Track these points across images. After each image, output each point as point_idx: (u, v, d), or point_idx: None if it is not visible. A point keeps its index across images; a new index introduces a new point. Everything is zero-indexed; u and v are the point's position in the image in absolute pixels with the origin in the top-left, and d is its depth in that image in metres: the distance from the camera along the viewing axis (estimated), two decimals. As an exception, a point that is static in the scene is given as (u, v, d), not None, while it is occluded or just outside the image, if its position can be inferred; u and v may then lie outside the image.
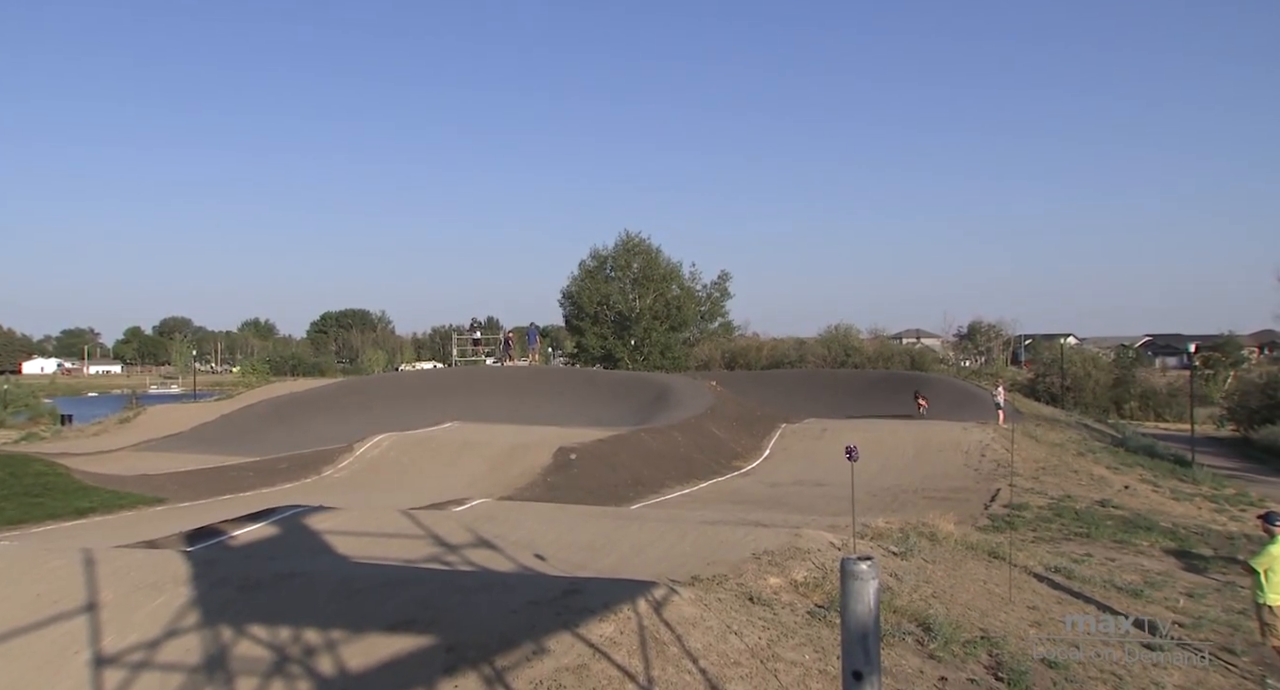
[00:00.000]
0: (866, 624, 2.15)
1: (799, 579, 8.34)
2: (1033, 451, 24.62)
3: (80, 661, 6.31)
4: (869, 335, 69.53)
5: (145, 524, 16.20)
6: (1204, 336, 70.81)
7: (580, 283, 72.72)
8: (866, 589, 2.15)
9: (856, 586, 2.15)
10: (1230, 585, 11.97)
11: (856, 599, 2.16)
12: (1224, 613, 10.23)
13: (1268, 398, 45.23)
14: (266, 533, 11.28)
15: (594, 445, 23.75)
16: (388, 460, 24.57)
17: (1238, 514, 19.46)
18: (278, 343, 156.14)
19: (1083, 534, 15.57)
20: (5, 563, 8.14)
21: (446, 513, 13.44)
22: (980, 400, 36.05)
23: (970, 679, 6.69)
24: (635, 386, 41.69)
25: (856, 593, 2.15)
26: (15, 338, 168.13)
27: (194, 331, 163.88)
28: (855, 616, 2.16)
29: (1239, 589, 11.37)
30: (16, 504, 18.81)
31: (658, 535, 11.49)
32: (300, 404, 44.35)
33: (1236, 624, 9.62)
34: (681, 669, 5.53)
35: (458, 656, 5.63)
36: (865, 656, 2.15)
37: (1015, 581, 9.93)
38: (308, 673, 5.84)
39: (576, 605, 6.21)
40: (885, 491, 19.61)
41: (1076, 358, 61.86)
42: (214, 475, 23.47)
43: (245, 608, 6.80)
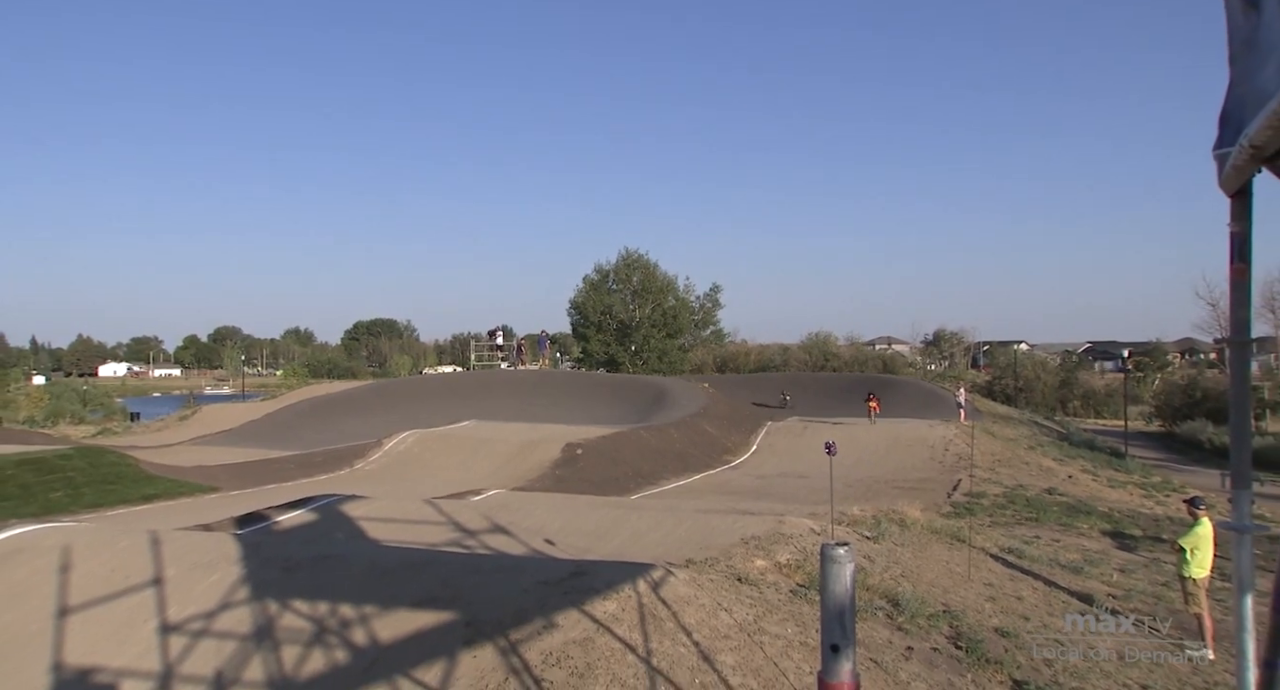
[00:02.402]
0: (843, 603, 2.17)
1: (783, 561, 8.34)
2: (990, 446, 24.67)
3: (149, 629, 6.32)
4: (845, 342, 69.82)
5: (201, 509, 16.18)
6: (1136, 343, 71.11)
7: (585, 294, 72.73)
8: (844, 571, 2.18)
9: (835, 569, 2.18)
10: (1156, 561, 12.05)
11: (835, 580, 2.18)
12: (1150, 585, 10.28)
13: (1188, 397, 45.61)
14: (306, 518, 11.28)
15: (598, 441, 23.73)
16: (412, 454, 24.52)
17: (1163, 499, 19.69)
18: (315, 349, 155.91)
19: (1032, 518, 15.62)
20: (85, 541, 8.14)
21: (465, 502, 13.42)
22: (944, 400, 36.15)
23: (934, 648, 6.71)
24: (635, 388, 41.67)
25: (835, 575, 2.18)
26: (93, 345, 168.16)
27: (243, 339, 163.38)
28: (833, 596, 2.18)
29: (1164, 565, 11.48)
30: (94, 490, 18.90)
31: (656, 522, 11.49)
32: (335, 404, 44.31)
33: (1160, 595, 9.68)
34: (677, 642, 5.54)
35: (476, 630, 5.62)
36: (842, 632, 2.17)
37: (974, 561, 9.95)
38: (343, 643, 5.84)
39: (582, 585, 6.20)
40: (860, 482, 19.62)
41: (1028, 362, 62.11)
42: (260, 467, 23.45)
43: (288, 585, 6.80)
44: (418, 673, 5.24)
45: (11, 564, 7.68)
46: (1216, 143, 2.02)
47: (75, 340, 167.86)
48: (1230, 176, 1.92)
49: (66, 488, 19.08)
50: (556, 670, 5.10)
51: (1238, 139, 1.81)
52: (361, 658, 5.62)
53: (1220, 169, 1.99)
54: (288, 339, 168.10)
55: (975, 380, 57.59)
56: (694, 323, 75.74)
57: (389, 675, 5.26)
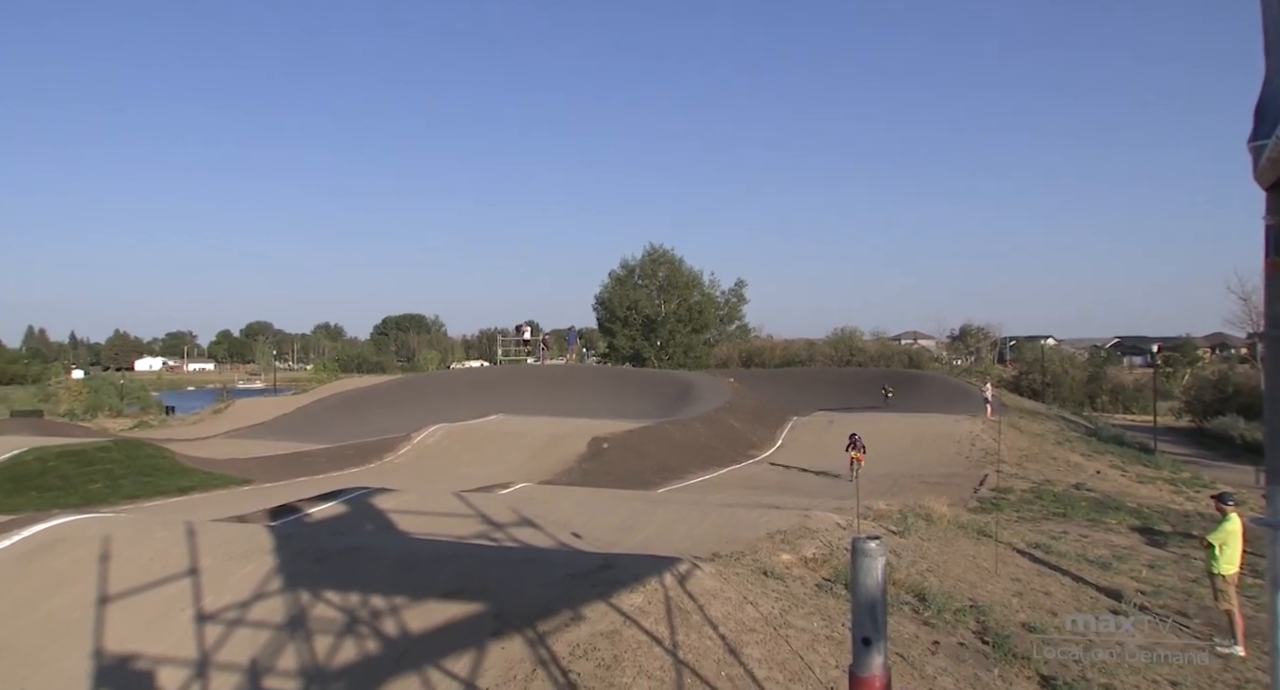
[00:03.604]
0: (875, 596, 2.16)
1: (808, 555, 8.31)
2: (1017, 441, 24.38)
3: (185, 617, 6.42)
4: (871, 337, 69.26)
5: (235, 501, 16.39)
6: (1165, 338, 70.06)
7: (611, 290, 72.90)
8: (875, 565, 2.17)
9: (866, 563, 2.17)
10: (1186, 558, 11.85)
11: (866, 574, 2.17)
12: (1180, 582, 10.13)
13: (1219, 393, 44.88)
14: (337, 511, 11.33)
15: (624, 436, 23.75)
16: (440, 448, 24.65)
17: (1193, 495, 19.34)
18: (345, 344, 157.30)
19: (1060, 514, 15.41)
20: (124, 532, 8.28)
21: (493, 495, 13.46)
22: (970, 395, 35.75)
23: (960, 642, 6.66)
24: (661, 383, 41.63)
25: (866, 568, 2.17)
26: (129, 340, 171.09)
27: (274, 334, 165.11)
28: (864, 589, 2.17)
29: (1193, 561, 11.28)
30: (132, 482, 19.19)
31: (681, 516, 11.48)
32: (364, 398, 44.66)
33: (1190, 591, 9.54)
34: (703, 635, 5.54)
35: (504, 622, 5.64)
36: (873, 625, 2.17)
37: (1000, 556, 9.86)
38: (374, 633, 5.89)
39: (609, 578, 6.21)
40: (885, 477, 19.47)
41: (1055, 357, 61.43)
42: (292, 460, 23.69)
43: (320, 575, 6.86)
44: (447, 663, 5.27)
45: (54, 553, 7.85)
46: (1252, 135, 1.98)
47: (112, 335, 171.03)
48: (1266, 169, 1.88)
49: (105, 479, 19.41)
50: (584, 662, 5.11)
51: (1274, 131, 1.78)
52: (392, 648, 5.66)
53: (1256, 162, 1.95)
54: (318, 334, 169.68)
55: (1002, 375, 56.94)
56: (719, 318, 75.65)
57: (419, 665, 5.30)
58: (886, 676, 2.19)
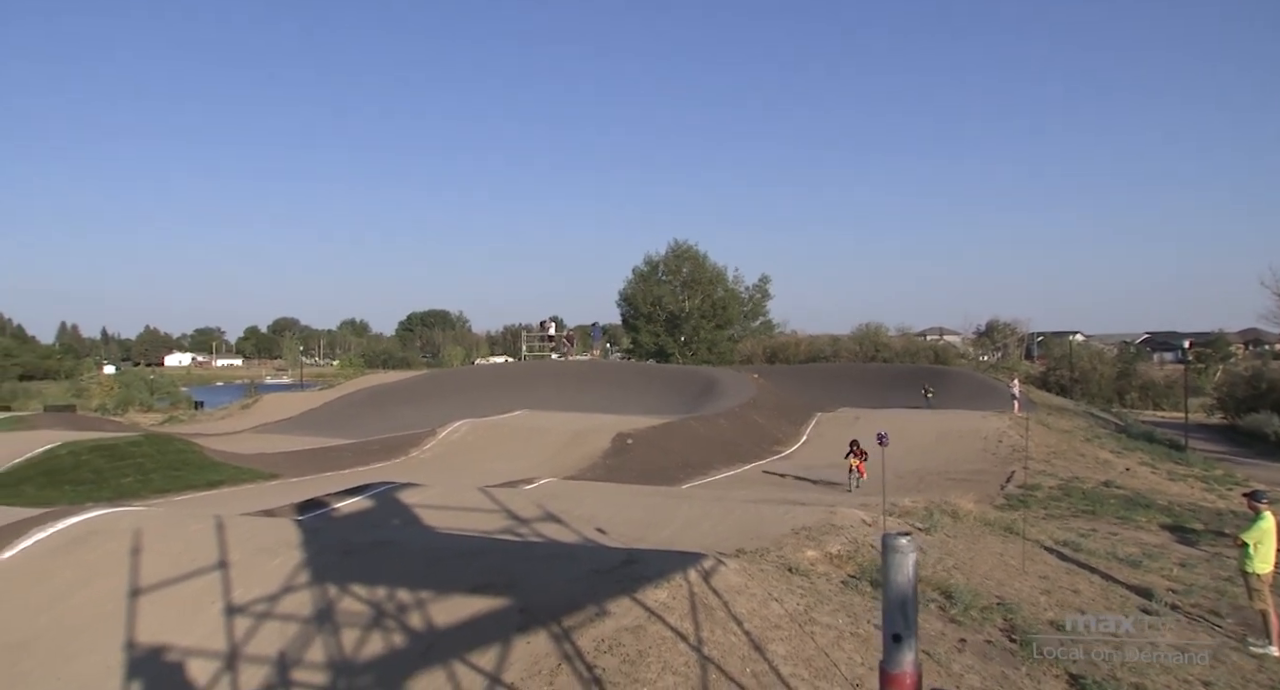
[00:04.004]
0: (905, 592, 2.14)
1: (834, 552, 8.27)
2: (1044, 438, 24.10)
3: (215, 610, 6.48)
4: (897, 332, 68.76)
5: (263, 496, 16.59)
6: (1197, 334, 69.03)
7: (635, 286, 73.01)
8: (906, 561, 2.14)
9: (897, 559, 2.14)
10: (1218, 556, 11.65)
11: (897, 570, 2.15)
12: (1212, 580, 9.95)
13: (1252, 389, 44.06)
14: (364, 505, 11.38)
15: (648, 431, 23.77)
16: (465, 443, 24.81)
17: (1225, 493, 18.99)
18: (371, 339, 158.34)
19: (1089, 511, 15.21)
20: (155, 525, 8.38)
21: (518, 490, 13.50)
22: (997, 392, 35.45)
23: (987, 640, 6.60)
24: (685, 379, 41.63)
25: (897, 565, 2.14)
26: (159, 335, 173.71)
27: (301, 330, 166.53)
28: (895, 586, 2.15)
29: (1226, 559, 11.10)
30: (162, 476, 19.49)
31: (706, 512, 11.46)
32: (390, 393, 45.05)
33: (1223, 590, 9.37)
34: (728, 631, 5.52)
35: (530, 617, 5.65)
36: (904, 621, 2.14)
37: (1028, 554, 9.75)
38: (401, 627, 5.92)
39: (634, 574, 6.20)
40: (911, 474, 19.34)
41: (1084, 353, 60.63)
42: (319, 455, 23.94)
43: (347, 569, 6.90)
44: (473, 657, 5.29)
45: (87, 546, 7.96)
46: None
47: (143, 331, 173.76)
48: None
49: (137, 473, 19.71)
50: (609, 657, 5.11)
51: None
52: (419, 641, 5.69)
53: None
54: (344, 330, 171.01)
55: (1029, 372, 56.37)
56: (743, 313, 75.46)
57: (445, 659, 5.32)
58: (917, 673, 2.16)
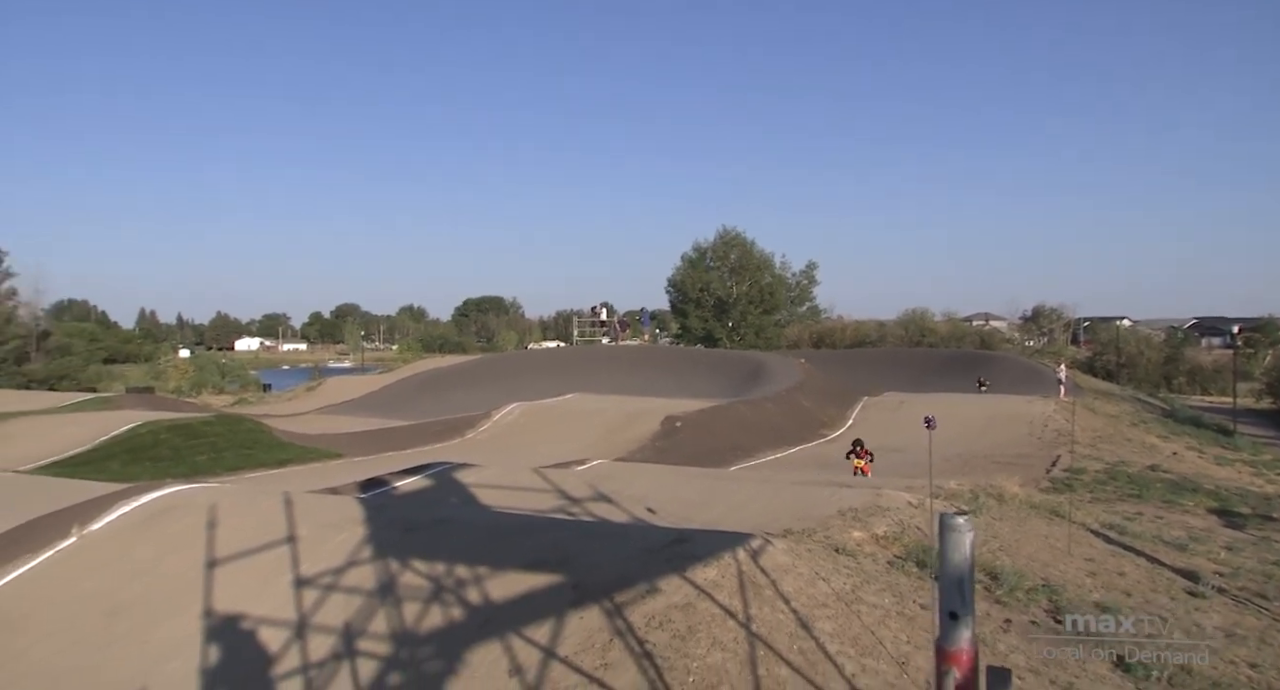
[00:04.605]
0: (962, 571, 2.11)
1: (880, 533, 8.18)
2: (1091, 422, 23.53)
3: (285, 581, 6.63)
4: (942, 317, 67.70)
5: (328, 474, 16.97)
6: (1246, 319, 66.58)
7: (684, 272, 72.92)
8: (963, 540, 2.11)
9: (955, 538, 2.12)
10: (1265, 540, 11.28)
11: (954, 549, 2.12)
12: (1259, 564, 9.62)
13: (1303, 374, 42.51)
14: (423, 484, 11.45)
15: (696, 414, 23.76)
16: (519, 425, 25.03)
17: (1274, 477, 18.46)
18: (428, 325, 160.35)
19: (1135, 495, 14.83)
20: (229, 501, 8.61)
21: (570, 471, 13.56)
22: (1043, 376, 34.73)
23: (1032, 621, 6.50)
24: (732, 363, 41.45)
25: (955, 543, 2.12)
26: (229, 321, 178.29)
27: (362, 315, 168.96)
28: (952, 565, 2.12)
29: (1273, 543, 10.82)
30: (234, 454, 20.09)
31: (754, 493, 11.42)
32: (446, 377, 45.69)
33: (1270, 574, 9.05)
34: (776, 609, 5.50)
35: (583, 593, 5.68)
36: (961, 600, 2.12)
37: (1074, 537, 9.53)
38: (459, 601, 6.00)
39: (684, 552, 6.19)
40: (957, 457, 19.03)
41: (1131, 338, 59.05)
42: (379, 435, 24.39)
43: (408, 545, 6.99)
44: (528, 631, 5.34)
45: (168, 518, 8.25)
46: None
47: (214, 317, 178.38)
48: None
49: (210, 451, 20.34)
50: (659, 633, 5.14)
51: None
52: (476, 615, 5.77)
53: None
54: (403, 315, 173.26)
55: (1075, 356, 55.05)
56: (790, 299, 74.97)
57: (502, 632, 5.40)
58: (974, 650, 2.14)
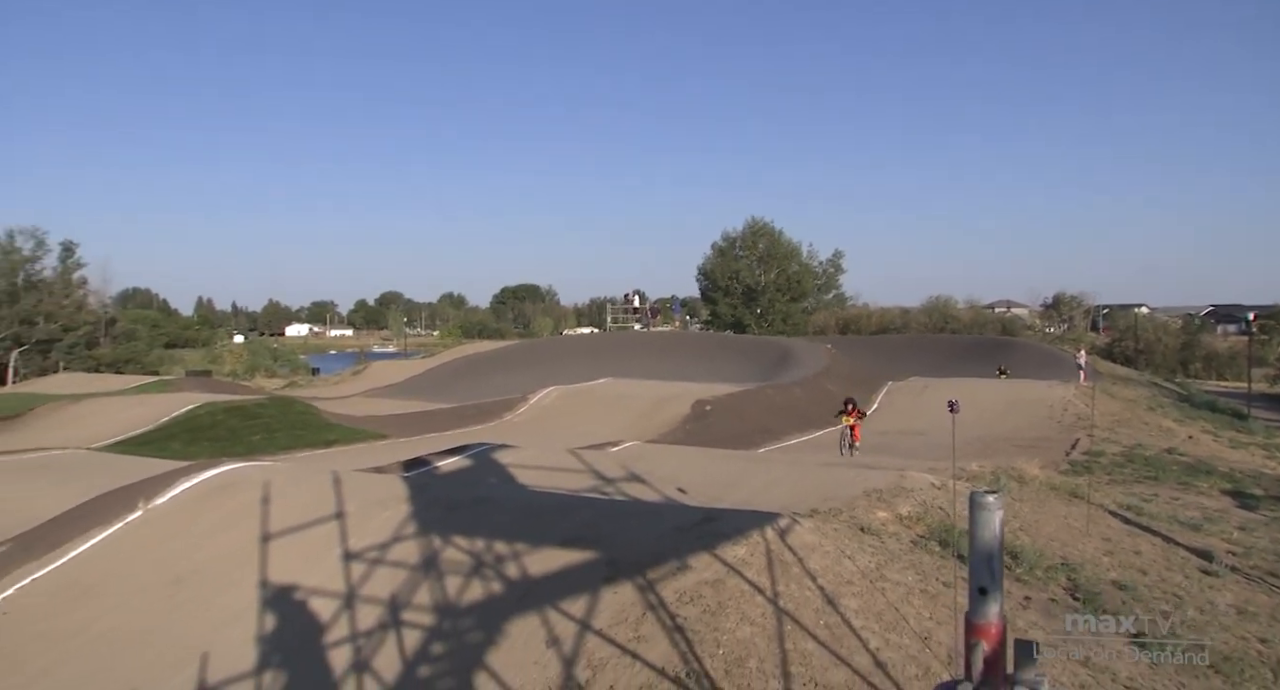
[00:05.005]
0: (991, 548, 2.12)
1: (904, 513, 8.15)
2: (1109, 406, 23.13)
3: (334, 555, 6.77)
4: (965, 305, 66.96)
5: (373, 454, 17.20)
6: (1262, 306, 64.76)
7: (713, 261, 72.81)
8: (993, 518, 2.12)
9: (984, 516, 2.13)
10: (1277, 520, 11.05)
11: (983, 526, 2.13)
12: (1272, 544, 9.45)
13: (1316, 359, 41.56)
14: (463, 464, 11.51)
15: (726, 398, 23.75)
16: (555, 408, 25.16)
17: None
18: (467, 311, 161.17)
19: (1151, 477, 14.58)
20: (282, 479, 8.77)
21: (603, 452, 13.61)
22: (1062, 362, 34.29)
23: (1051, 598, 6.47)
24: (761, 349, 41.30)
25: (984, 521, 2.13)
26: (280, 308, 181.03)
27: (405, 303, 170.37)
28: (982, 541, 2.13)
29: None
30: (286, 435, 20.47)
31: (781, 475, 11.41)
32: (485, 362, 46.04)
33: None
34: (803, 585, 5.52)
35: (616, 569, 5.73)
36: (990, 575, 2.13)
37: (1092, 517, 9.42)
38: (498, 576, 6.07)
39: (714, 531, 6.22)
40: (978, 440, 18.82)
41: (1148, 325, 58.14)
42: (422, 417, 24.68)
43: (449, 522, 7.08)
44: (565, 605, 5.41)
45: (226, 494, 8.46)
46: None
47: (266, 304, 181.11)
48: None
49: (264, 432, 20.75)
50: (690, 608, 5.18)
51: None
52: (515, 589, 5.84)
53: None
54: (443, 303, 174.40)
55: (1094, 343, 54.18)
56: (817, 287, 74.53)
57: (539, 606, 5.46)
58: (1002, 624, 2.16)
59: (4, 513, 10.33)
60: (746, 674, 4.61)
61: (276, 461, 13.41)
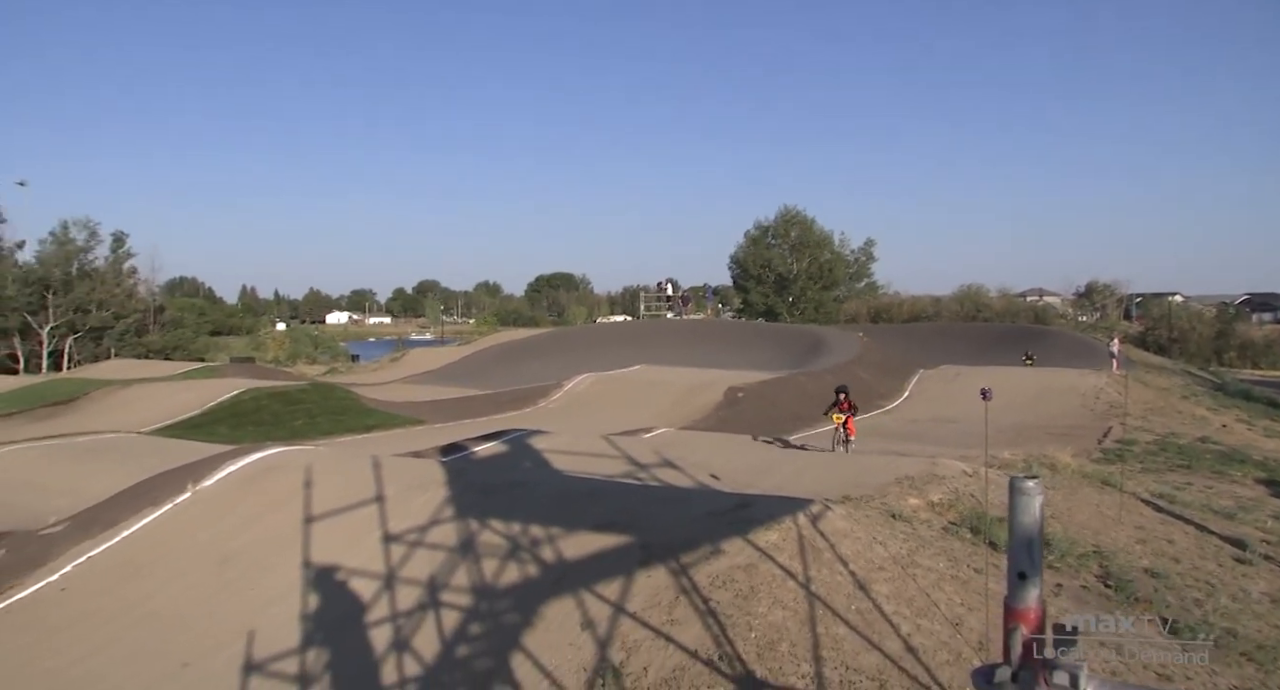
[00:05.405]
0: (1031, 533, 2.11)
1: (935, 500, 8.09)
2: (1142, 395, 22.66)
3: (374, 538, 6.89)
4: (997, 293, 65.88)
5: (411, 439, 17.41)
6: (1298, 294, 63.21)
7: (746, 249, 72.50)
8: (1033, 503, 2.11)
9: (1024, 501, 2.12)
10: None
11: (1024, 512, 2.12)
12: (1306, 533, 9.26)
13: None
14: (499, 449, 11.61)
15: (758, 386, 23.65)
16: (589, 395, 25.22)
17: (1322, 449, 17.39)
18: (503, 300, 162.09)
19: (1184, 466, 14.26)
20: (323, 463, 8.94)
21: (637, 438, 13.65)
22: (1095, 350, 33.72)
23: (1083, 586, 6.38)
24: (793, 337, 41.06)
25: (1024, 506, 2.12)
26: (321, 296, 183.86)
27: (441, 291, 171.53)
28: (1022, 526, 2.12)
29: None
30: (327, 420, 20.82)
31: (812, 461, 11.37)
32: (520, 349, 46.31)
33: (1318, 542, 8.70)
34: (834, 571, 5.51)
35: (650, 553, 5.74)
36: (1030, 560, 2.12)
37: (1124, 505, 9.25)
38: (534, 559, 6.13)
39: (746, 516, 6.22)
40: (1010, 428, 18.54)
41: (1182, 313, 56.82)
42: (458, 403, 24.91)
43: (486, 506, 7.15)
44: (599, 588, 5.45)
45: (270, 478, 8.65)
46: None
47: (307, 292, 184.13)
48: None
49: (306, 417, 21.12)
50: (723, 592, 5.20)
51: None
52: (550, 572, 5.89)
53: None
54: (479, 291, 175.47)
55: (1128, 331, 53.02)
56: (849, 275, 73.88)
57: (574, 589, 5.51)
58: (1041, 609, 2.15)
59: (62, 493, 10.70)
60: (778, 657, 4.62)
61: (318, 446, 13.64)
